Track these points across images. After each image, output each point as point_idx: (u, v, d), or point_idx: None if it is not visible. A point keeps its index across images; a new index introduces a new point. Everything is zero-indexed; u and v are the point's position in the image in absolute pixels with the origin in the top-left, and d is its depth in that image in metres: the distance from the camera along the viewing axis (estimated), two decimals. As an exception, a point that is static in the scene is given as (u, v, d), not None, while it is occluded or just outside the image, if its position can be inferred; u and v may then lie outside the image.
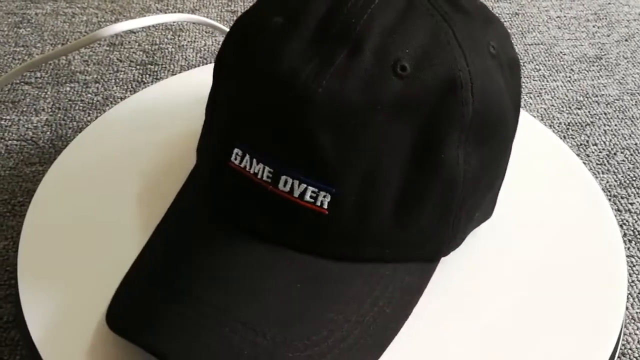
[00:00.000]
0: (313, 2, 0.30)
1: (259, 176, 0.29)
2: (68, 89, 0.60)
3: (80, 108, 0.58)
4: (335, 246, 0.30)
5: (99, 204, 0.38)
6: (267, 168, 0.29)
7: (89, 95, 0.60)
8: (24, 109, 0.58)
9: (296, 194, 0.29)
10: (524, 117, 0.44)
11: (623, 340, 0.41)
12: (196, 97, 0.46)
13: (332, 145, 0.28)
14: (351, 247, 0.30)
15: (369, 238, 0.30)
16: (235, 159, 0.30)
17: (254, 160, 0.30)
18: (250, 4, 0.72)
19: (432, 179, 0.29)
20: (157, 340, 0.27)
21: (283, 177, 0.29)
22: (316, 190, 0.28)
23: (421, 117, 0.29)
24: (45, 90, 0.60)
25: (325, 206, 0.29)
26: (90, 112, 0.57)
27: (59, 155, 0.41)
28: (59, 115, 0.57)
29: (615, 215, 0.50)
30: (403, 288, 0.31)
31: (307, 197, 0.29)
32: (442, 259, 0.33)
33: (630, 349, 0.41)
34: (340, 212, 0.29)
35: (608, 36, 0.70)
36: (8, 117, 0.57)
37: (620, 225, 0.49)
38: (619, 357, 0.40)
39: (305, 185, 0.28)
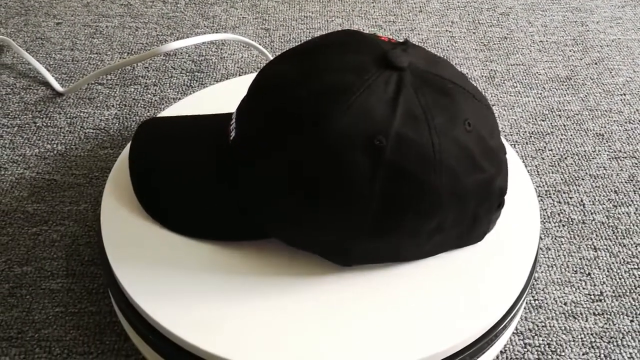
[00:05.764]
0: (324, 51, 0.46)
1: (232, 118, 0.49)
2: (132, 90, 0.76)
3: (142, 106, 0.73)
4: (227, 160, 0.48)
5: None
6: (234, 113, 0.49)
7: (149, 95, 0.75)
8: (98, 105, 0.73)
9: (230, 125, 0.49)
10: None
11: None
12: (232, 101, 0.60)
13: (253, 122, 0.45)
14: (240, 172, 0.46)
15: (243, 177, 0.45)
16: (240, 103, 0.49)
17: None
18: (280, 24, 0.87)
19: (292, 189, 0.42)
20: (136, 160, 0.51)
21: (233, 114, 0.49)
22: (234, 126, 0.47)
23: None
24: (115, 90, 0.76)
25: (233, 135, 0.47)
26: (150, 109, 0.73)
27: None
28: (125, 110, 0.73)
29: (556, 206, 0.63)
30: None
31: (231, 128, 0.48)
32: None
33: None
34: (235, 144, 0.47)
35: (581, 60, 0.82)
36: (85, 111, 0.72)
37: (558, 214, 0.62)
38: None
39: (233, 121, 0.48)
